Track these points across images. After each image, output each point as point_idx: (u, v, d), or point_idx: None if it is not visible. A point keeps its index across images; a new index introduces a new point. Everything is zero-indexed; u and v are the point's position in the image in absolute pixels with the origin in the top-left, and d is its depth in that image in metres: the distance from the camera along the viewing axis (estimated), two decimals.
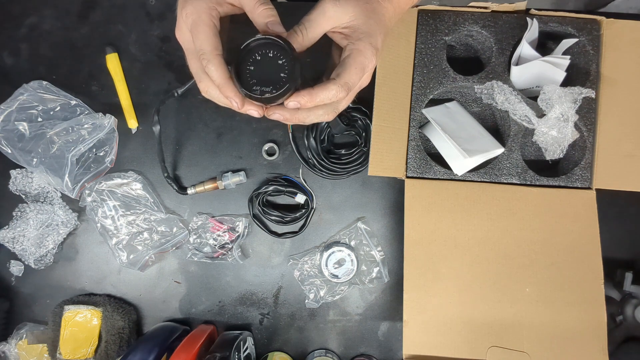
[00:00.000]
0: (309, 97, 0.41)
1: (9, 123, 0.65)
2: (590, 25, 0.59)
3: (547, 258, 0.57)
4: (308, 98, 0.41)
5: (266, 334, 0.67)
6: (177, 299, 0.68)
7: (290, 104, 0.42)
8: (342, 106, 0.46)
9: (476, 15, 0.60)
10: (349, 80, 0.42)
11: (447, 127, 0.59)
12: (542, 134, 0.58)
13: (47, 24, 0.69)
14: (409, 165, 0.59)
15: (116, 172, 0.67)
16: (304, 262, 0.67)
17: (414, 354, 0.55)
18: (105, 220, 0.66)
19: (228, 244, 0.66)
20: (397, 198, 0.68)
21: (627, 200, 0.65)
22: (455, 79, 0.60)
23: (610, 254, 0.61)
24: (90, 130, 0.65)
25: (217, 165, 0.68)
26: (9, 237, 0.66)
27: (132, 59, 0.69)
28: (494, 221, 0.58)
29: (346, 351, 0.67)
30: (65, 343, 0.62)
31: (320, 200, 0.68)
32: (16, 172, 0.67)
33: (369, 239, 0.67)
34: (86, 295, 0.67)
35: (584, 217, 0.58)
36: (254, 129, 0.68)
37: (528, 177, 0.59)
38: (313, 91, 0.41)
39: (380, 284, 0.67)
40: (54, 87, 0.67)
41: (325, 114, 0.45)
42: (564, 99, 0.55)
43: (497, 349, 0.55)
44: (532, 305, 0.56)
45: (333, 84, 0.42)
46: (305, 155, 0.67)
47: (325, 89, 0.41)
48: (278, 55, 0.41)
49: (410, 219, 0.58)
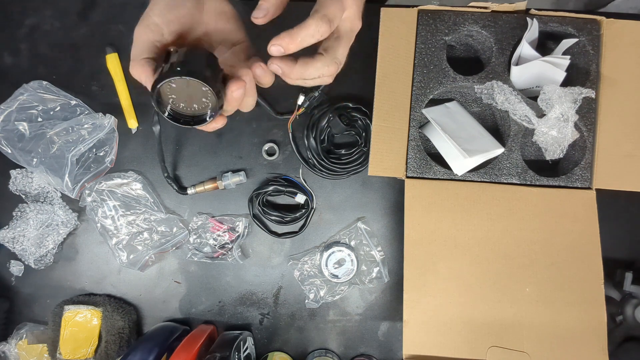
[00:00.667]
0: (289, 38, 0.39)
1: (9, 123, 0.65)
2: (590, 25, 0.59)
3: (547, 258, 0.57)
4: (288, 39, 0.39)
5: (266, 334, 0.67)
6: (177, 299, 0.68)
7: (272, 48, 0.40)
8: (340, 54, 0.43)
9: (476, 15, 0.60)
10: (327, 11, 0.40)
11: (447, 127, 0.59)
12: (542, 134, 0.58)
13: (47, 24, 0.69)
14: (409, 165, 0.59)
15: (116, 172, 0.67)
16: (304, 262, 0.67)
17: (414, 354, 0.55)
18: (105, 220, 0.66)
19: (228, 244, 0.66)
20: (397, 198, 0.68)
21: (627, 200, 0.65)
22: (455, 79, 0.60)
23: (610, 254, 0.61)
24: (90, 130, 0.65)
25: (217, 165, 0.68)
26: (9, 237, 0.66)
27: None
28: (494, 221, 0.58)
29: (346, 351, 0.67)
30: (65, 343, 0.62)
31: (320, 200, 0.68)
32: (16, 172, 0.67)
33: (369, 239, 0.67)
34: (86, 295, 0.67)
35: (584, 217, 0.58)
36: (254, 129, 0.68)
37: (528, 177, 0.59)
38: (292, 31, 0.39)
39: (380, 284, 0.67)
40: (54, 87, 0.67)
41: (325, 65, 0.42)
42: (564, 99, 0.55)
43: (497, 349, 0.55)
44: (532, 305, 0.56)
45: (311, 19, 0.40)
46: (305, 155, 0.67)
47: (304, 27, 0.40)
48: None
49: (410, 219, 0.58)
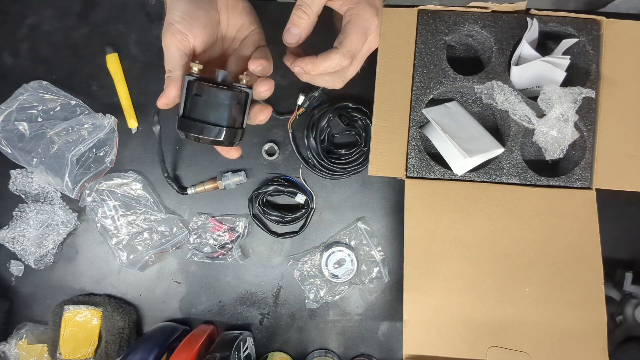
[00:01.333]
0: (311, 65, 0.41)
1: (9, 123, 0.65)
2: (590, 25, 0.59)
3: (547, 258, 0.57)
4: (311, 66, 0.41)
5: (266, 334, 0.67)
6: (177, 299, 0.68)
7: (295, 68, 0.42)
8: (349, 74, 0.45)
9: (476, 15, 0.60)
10: (351, 47, 0.42)
11: (447, 127, 0.59)
12: (542, 134, 0.58)
13: (47, 24, 0.69)
14: (409, 165, 0.59)
15: (116, 172, 0.67)
16: (304, 262, 0.67)
17: (414, 354, 0.55)
18: (105, 220, 0.66)
19: (228, 244, 0.66)
20: (397, 198, 0.68)
21: (627, 200, 0.65)
22: (455, 79, 0.59)
23: (610, 254, 0.61)
24: (90, 130, 0.65)
25: (217, 165, 0.68)
26: (9, 237, 0.66)
27: (132, 59, 0.69)
28: (494, 221, 0.58)
29: (346, 351, 0.67)
30: (65, 343, 0.62)
31: (320, 200, 0.68)
32: (16, 172, 0.67)
33: (369, 239, 0.67)
34: (86, 295, 0.67)
35: (584, 217, 0.58)
36: (254, 129, 0.68)
37: (528, 177, 0.59)
38: (316, 60, 0.41)
39: (380, 284, 0.67)
40: (54, 87, 0.67)
41: (332, 81, 0.45)
42: (564, 99, 0.55)
43: (497, 349, 0.55)
44: (532, 305, 0.56)
45: (335, 53, 0.41)
46: (305, 155, 0.67)
47: (327, 59, 0.41)
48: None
49: (410, 219, 0.58)
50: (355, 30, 0.42)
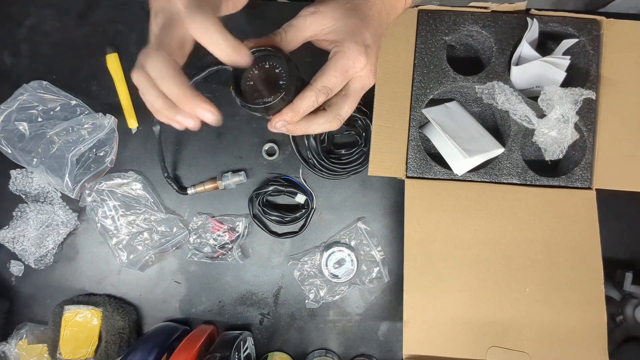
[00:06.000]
0: (292, 113, 0.41)
1: (9, 123, 0.65)
2: (590, 26, 0.59)
3: (547, 258, 0.57)
4: (292, 113, 0.41)
5: (266, 334, 0.67)
6: (177, 299, 0.68)
7: (277, 124, 0.41)
8: (344, 112, 0.44)
9: (476, 15, 0.60)
10: (327, 82, 0.41)
11: (447, 127, 0.59)
12: (542, 135, 0.58)
13: (47, 24, 0.69)
14: (409, 165, 0.59)
15: (116, 172, 0.67)
16: (304, 262, 0.67)
17: (414, 354, 0.55)
18: (105, 220, 0.66)
19: (228, 244, 0.66)
20: (397, 198, 0.68)
21: (627, 200, 0.65)
22: (455, 79, 0.60)
23: (610, 254, 0.61)
24: (90, 130, 0.65)
25: (217, 165, 0.68)
26: (9, 237, 0.65)
27: (132, 59, 0.68)
28: (494, 221, 0.58)
29: (346, 351, 0.67)
30: (65, 343, 0.62)
31: (320, 200, 0.68)
32: (16, 172, 0.67)
33: (369, 239, 0.67)
34: (86, 295, 0.67)
35: (584, 217, 0.58)
36: (254, 129, 0.68)
37: (528, 177, 0.59)
38: (293, 105, 0.41)
39: (380, 284, 0.67)
40: (54, 87, 0.67)
41: (327, 122, 0.44)
42: (565, 100, 0.55)
43: (497, 349, 0.55)
44: (532, 305, 0.56)
45: (309, 91, 0.41)
46: (305, 155, 0.67)
47: (303, 98, 0.41)
48: (274, 64, 0.42)
49: (410, 219, 0.58)
50: (333, 67, 0.42)
